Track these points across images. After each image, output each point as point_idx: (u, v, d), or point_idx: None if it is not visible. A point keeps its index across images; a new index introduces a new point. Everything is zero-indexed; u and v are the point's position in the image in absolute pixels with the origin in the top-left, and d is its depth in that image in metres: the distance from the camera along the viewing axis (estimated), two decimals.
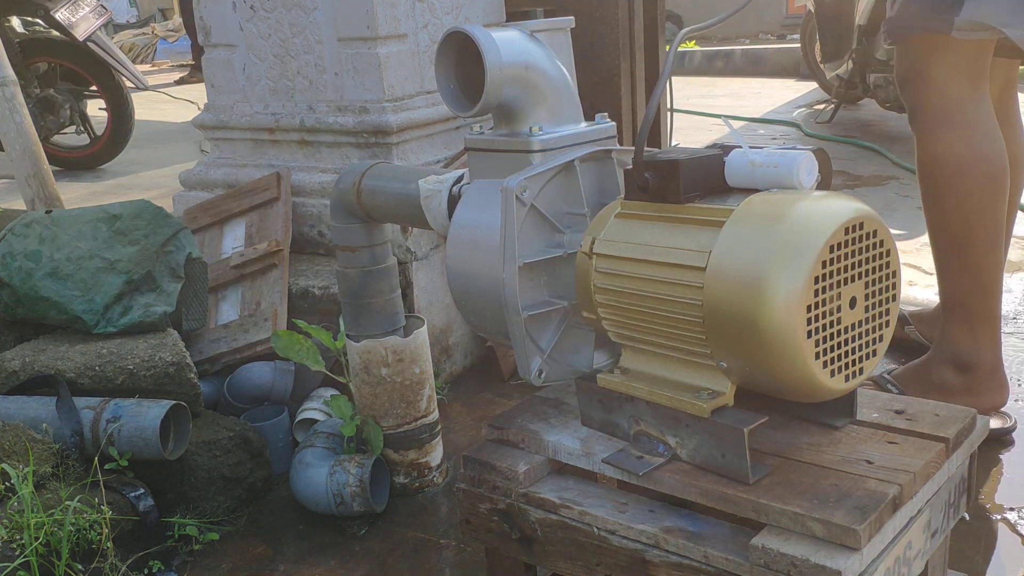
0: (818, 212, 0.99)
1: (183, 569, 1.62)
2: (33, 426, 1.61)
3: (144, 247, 1.88)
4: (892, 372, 1.96)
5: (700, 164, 1.11)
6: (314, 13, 2.24)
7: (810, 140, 4.98)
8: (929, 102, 1.74)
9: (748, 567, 1.00)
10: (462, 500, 1.29)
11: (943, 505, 1.15)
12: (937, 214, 1.78)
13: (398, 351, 1.74)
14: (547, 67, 1.28)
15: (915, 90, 1.76)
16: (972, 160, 1.70)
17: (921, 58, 1.73)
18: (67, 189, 3.97)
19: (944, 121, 1.72)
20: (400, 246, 2.11)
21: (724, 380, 1.08)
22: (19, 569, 1.37)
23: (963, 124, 1.71)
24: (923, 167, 1.77)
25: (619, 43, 2.64)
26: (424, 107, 2.29)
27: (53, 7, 4.33)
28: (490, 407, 2.14)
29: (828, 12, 5.18)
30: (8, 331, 1.90)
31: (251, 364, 2.00)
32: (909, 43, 1.74)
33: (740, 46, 8.90)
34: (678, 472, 1.10)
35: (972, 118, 1.71)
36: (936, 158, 1.73)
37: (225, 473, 1.74)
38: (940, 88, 1.72)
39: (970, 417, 1.17)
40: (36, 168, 2.43)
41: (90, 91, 4.79)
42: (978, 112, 1.72)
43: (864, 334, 1.05)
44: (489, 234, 1.25)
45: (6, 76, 2.42)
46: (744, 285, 0.98)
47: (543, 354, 1.26)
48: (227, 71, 2.45)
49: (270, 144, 2.43)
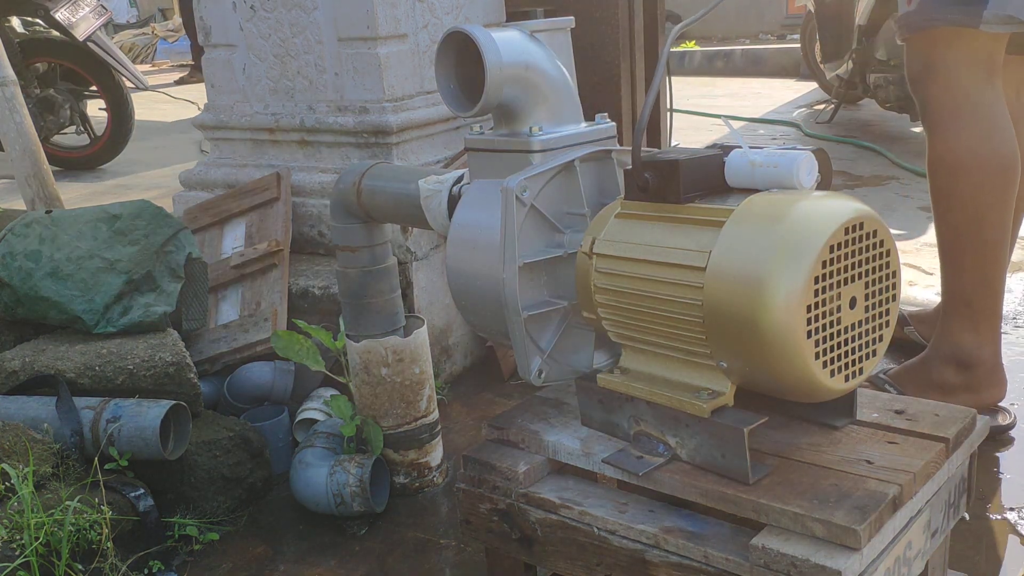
0: (818, 212, 0.99)
1: (183, 569, 1.62)
2: (33, 426, 1.61)
3: (144, 247, 1.88)
4: (888, 372, 1.96)
5: (700, 164, 1.11)
6: (314, 13, 2.25)
7: (810, 140, 4.98)
8: (945, 96, 1.74)
9: (748, 567, 1.00)
10: (462, 500, 1.29)
11: (943, 505, 1.15)
12: (947, 208, 1.78)
13: (398, 351, 1.74)
14: (547, 67, 1.28)
15: (930, 84, 1.76)
16: (987, 154, 1.71)
17: (937, 52, 1.73)
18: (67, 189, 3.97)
19: (960, 115, 1.72)
20: (400, 246, 2.11)
21: (724, 380, 1.08)
22: (19, 569, 1.37)
23: (979, 118, 1.72)
24: (937, 161, 1.77)
25: (619, 43, 2.65)
26: (424, 107, 2.29)
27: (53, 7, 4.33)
28: (490, 407, 2.14)
29: (828, 12, 5.18)
30: (8, 331, 1.90)
31: (251, 364, 2.00)
32: (925, 37, 1.74)
33: (740, 46, 8.90)
34: (678, 472, 1.10)
35: (987, 113, 1.72)
36: (951, 152, 1.73)
37: (225, 473, 1.74)
38: (956, 82, 1.72)
39: (970, 417, 1.17)
40: (36, 168, 2.43)
41: (90, 91, 4.79)
42: (992, 107, 1.73)
43: (864, 334, 1.05)
44: (489, 234, 1.25)
45: (6, 76, 2.42)
46: (744, 285, 0.98)
47: (543, 354, 1.26)
48: (227, 71, 2.45)
49: (270, 144, 2.43)
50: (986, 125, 1.72)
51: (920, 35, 1.74)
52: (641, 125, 1.12)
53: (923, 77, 1.77)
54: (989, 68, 1.73)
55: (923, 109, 1.79)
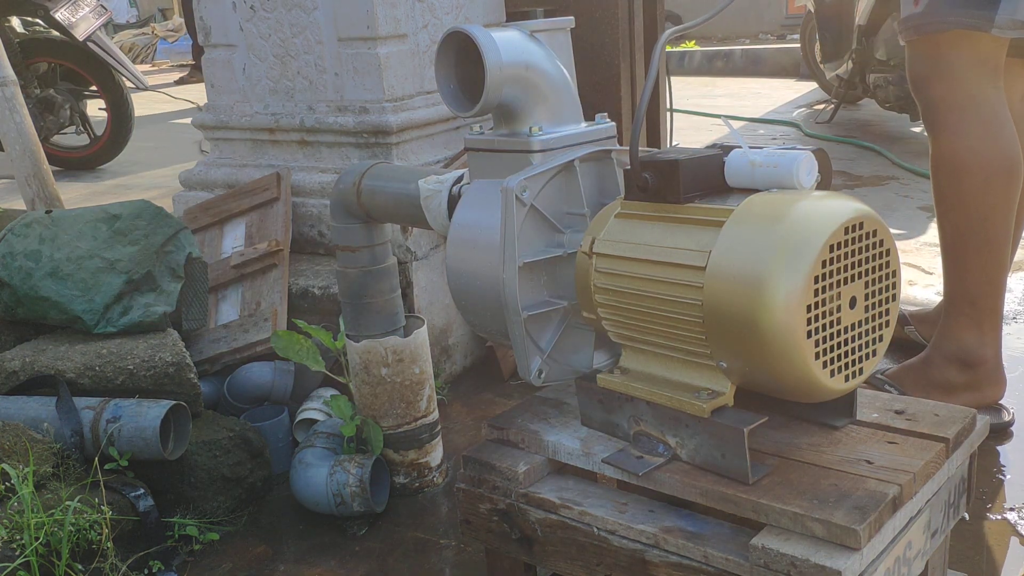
0: (818, 212, 0.99)
1: (183, 569, 1.62)
2: (33, 426, 1.61)
3: (144, 247, 1.88)
4: (886, 372, 1.96)
5: (700, 164, 1.11)
6: (314, 13, 2.25)
7: (810, 140, 4.98)
8: (950, 98, 1.74)
9: (748, 567, 1.00)
10: (462, 500, 1.29)
11: (943, 505, 1.15)
12: (951, 209, 1.78)
13: (398, 351, 1.74)
14: (547, 67, 1.28)
15: (935, 85, 1.76)
16: (992, 155, 1.72)
17: (943, 54, 1.73)
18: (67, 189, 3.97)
19: (965, 116, 1.73)
20: (400, 246, 2.11)
21: (724, 380, 1.08)
22: (19, 569, 1.37)
23: (983, 120, 1.72)
24: (941, 161, 1.77)
25: (619, 43, 2.65)
26: (424, 107, 2.29)
27: (53, 7, 4.33)
28: (490, 407, 2.14)
29: (828, 12, 5.18)
30: (8, 331, 1.90)
31: (251, 364, 2.00)
32: (930, 39, 1.74)
33: (740, 46, 8.90)
34: (678, 472, 1.10)
35: (991, 114, 1.73)
36: (956, 153, 1.74)
37: (225, 473, 1.74)
38: (961, 84, 1.73)
39: (970, 417, 1.17)
40: (36, 168, 2.43)
41: (90, 91, 4.80)
42: (996, 108, 1.73)
43: (864, 334, 1.05)
44: (489, 234, 1.25)
45: (6, 76, 2.42)
46: (744, 285, 0.98)
47: (543, 354, 1.26)
48: (227, 71, 2.45)
49: (270, 144, 2.43)
50: (991, 126, 1.72)
51: (926, 37, 1.74)
52: (637, 126, 1.12)
53: (928, 78, 1.77)
54: (993, 70, 1.73)
55: (927, 110, 1.79)
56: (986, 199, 1.73)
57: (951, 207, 1.78)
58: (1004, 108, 1.75)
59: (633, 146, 1.13)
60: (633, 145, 1.12)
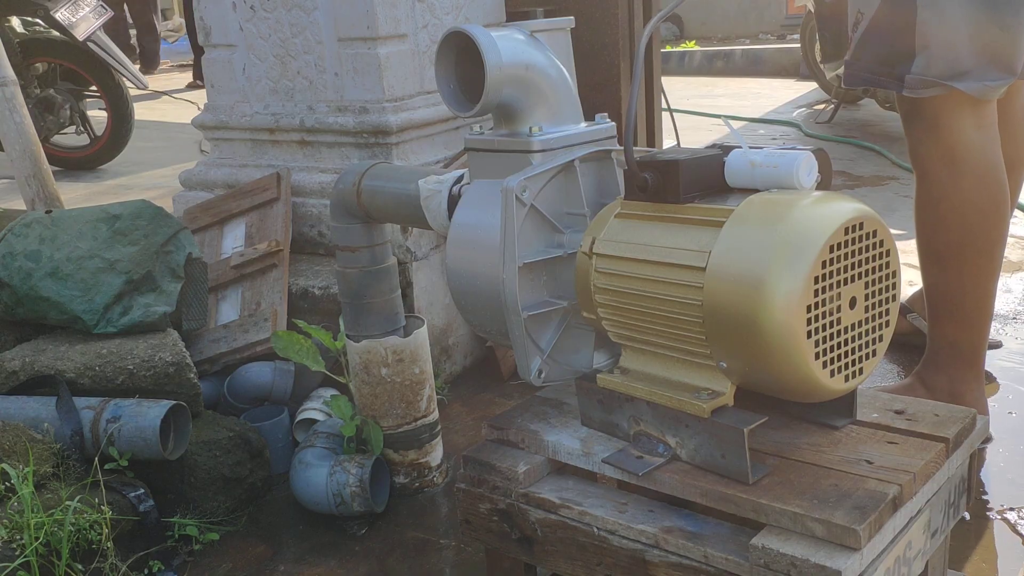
0: (818, 212, 1.00)
1: (183, 569, 1.62)
2: (33, 426, 1.61)
3: (144, 247, 1.88)
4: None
5: (700, 164, 1.11)
6: (314, 13, 2.25)
7: (810, 140, 4.98)
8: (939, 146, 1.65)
9: (748, 567, 1.00)
10: (462, 500, 1.29)
11: (943, 505, 1.15)
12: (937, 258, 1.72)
13: (398, 351, 1.74)
14: (547, 67, 1.28)
15: (918, 128, 1.68)
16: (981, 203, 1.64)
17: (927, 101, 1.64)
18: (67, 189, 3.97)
19: (955, 164, 1.64)
20: (400, 246, 2.11)
21: (724, 380, 1.08)
22: (19, 569, 1.37)
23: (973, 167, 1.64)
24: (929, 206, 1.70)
25: (619, 43, 2.65)
26: (424, 107, 2.29)
27: (53, 7, 4.33)
28: (490, 407, 2.14)
29: (828, 12, 5.18)
30: (8, 331, 1.90)
31: (251, 364, 2.00)
32: None
33: (740, 46, 8.90)
34: (678, 472, 1.10)
35: (980, 159, 1.64)
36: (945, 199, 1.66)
37: (225, 473, 1.74)
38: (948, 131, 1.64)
39: (970, 417, 1.17)
40: (36, 168, 2.43)
41: (90, 91, 4.79)
42: (986, 152, 1.65)
43: (864, 334, 1.05)
44: (489, 234, 1.25)
45: (6, 76, 2.42)
46: (744, 285, 0.98)
47: (543, 354, 1.26)
48: (227, 71, 2.45)
49: (270, 144, 2.43)
50: (980, 173, 1.64)
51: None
52: (629, 126, 1.12)
53: (912, 119, 1.69)
54: (982, 111, 1.64)
55: (914, 151, 1.72)
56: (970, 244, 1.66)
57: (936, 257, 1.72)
58: (994, 149, 1.65)
59: (627, 146, 1.13)
60: (627, 145, 1.13)
